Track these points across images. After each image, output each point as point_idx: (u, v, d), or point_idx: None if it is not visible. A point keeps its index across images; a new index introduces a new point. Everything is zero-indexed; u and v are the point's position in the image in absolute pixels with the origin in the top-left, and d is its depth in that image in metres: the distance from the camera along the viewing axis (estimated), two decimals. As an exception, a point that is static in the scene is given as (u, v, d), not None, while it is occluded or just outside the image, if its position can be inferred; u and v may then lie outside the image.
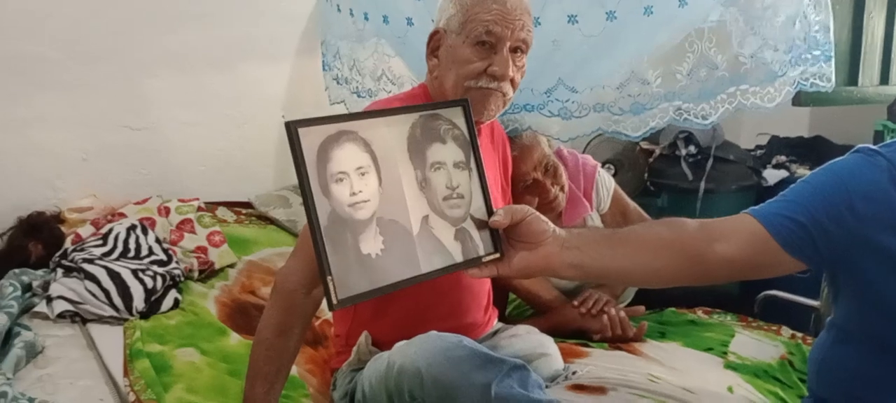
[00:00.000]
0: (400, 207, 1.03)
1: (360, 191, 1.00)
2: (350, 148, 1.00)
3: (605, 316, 1.83)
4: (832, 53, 1.84)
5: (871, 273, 1.05)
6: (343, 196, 0.98)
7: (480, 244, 1.08)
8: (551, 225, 1.09)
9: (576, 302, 1.88)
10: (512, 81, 1.47)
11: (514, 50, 1.45)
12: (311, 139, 0.97)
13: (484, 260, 1.08)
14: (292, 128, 0.96)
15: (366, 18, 2.05)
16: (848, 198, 1.05)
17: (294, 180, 2.67)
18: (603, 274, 1.18)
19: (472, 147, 1.12)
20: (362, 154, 1.01)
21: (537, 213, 1.09)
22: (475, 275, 1.09)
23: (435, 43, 1.50)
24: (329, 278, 0.94)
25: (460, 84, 1.45)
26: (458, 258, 1.06)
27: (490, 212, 1.10)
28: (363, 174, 1.01)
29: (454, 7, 1.45)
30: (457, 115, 1.12)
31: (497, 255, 1.09)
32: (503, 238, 1.10)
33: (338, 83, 2.38)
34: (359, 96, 2.26)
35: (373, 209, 1.00)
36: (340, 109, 2.32)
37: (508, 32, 1.43)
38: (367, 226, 0.99)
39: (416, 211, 1.04)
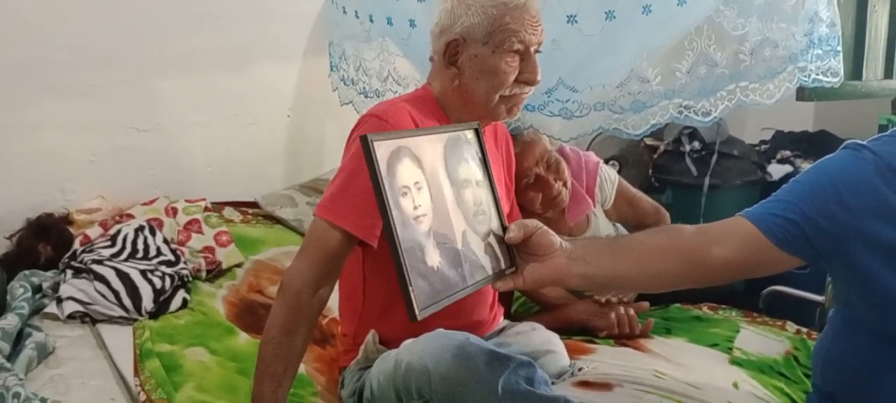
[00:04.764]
0: (447, 222, 1.06)
1: (420, 205, 1.02)
2: (408, 163, 1.03)
3: (613, 314, 1.84)
4: (840, 48, 1.84)
5: (865, 263, 1.08)
6: (408, 209, 1.01)
7: (501, 258, 1.12)
8: (558, 238, 1.13)
9: (589, 325, 1.87)
10: None
11: (536, 51, 1.48)
12: (382, 153, 0.99)
13: (506, 273, 1.12)
14: (368, 142, 0.97)
15: (371, 20, 2.05)
16: (835, 192, 1.09)
17: (301, 180, 2.73)
18: (608, 282, 1.22)
19: (486, 165, 1.16)
20: (416, 169, 1.04)
21: (545, 227, 1.13)
22: (499, 288, 1.13)
23: (452, 51, 1.47)
24: (411, 289, 0.96)
25: (493, 94, 1.46)
26: (490, 271, 1.10)
27: (503, 228, 1.13)
28: (419, 189, 1.04)
29: (476, 16, 1.43)
30: (470, 135, 1.17)
31: (514, 269, 1.13)
32: (515, 252, 1.13)
33: (345, 84, 2.39)
34: (366, 96, 2.26)
35: (430, 223, 1.03)
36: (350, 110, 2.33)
37: (534, 37, 1.46)
38: (428, 239, 1.02)
39: (458, 226, 1.08)
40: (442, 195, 1.07)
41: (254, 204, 2.60)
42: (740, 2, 1.74)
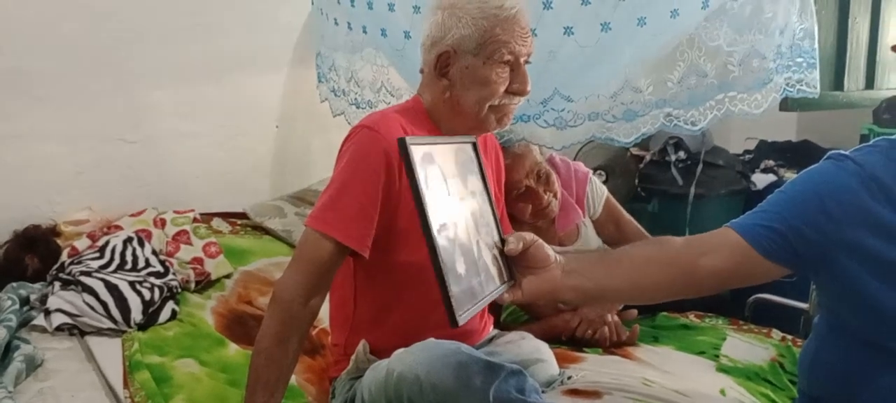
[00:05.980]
0: (466, 231, 1.07)
1: (447, 212, 1.03)
2: (435, 169, 1.04)
3: (606, 328, 1.86)
4: (816, 60, 1.88)
5: (849, 272, 1.10)
6: (440, 214, 1.01)
7: (503, 269, 1.13)
8: (553, 251, 1.14)
9: (578, 333, 1.88)
10: None
11: (526, 62, 1.50)
12: (417, 157, 0.99)
13: (508, 284, 1.13)
14: (406, 145, 0.98)
15: (364, 31, 2.06)
16: (820, 203, 1.11)
17: (289, 190, 2.73)
18: (601, 294, 1.24)
19: (483, 179, 1.17)
20: (441, 176, 1.05)
21: (541, 240, 1.14)
22: (503, 301, 1.14)
23: (444, 63, 1.48)
24: (451, 296, 0.96)
25: (483, 105, 1.47)
26: (497, 282, 1.11)
27: (502, 240, 1.14)
28: (445, 195, 1.05)
29: (467, 28, 1.44)
30: (469, 148, 1.18)
31: (513, 281, 1.14)
32: (513, 264, 1.14)
33: (335, 95, 2.39)
34: (358, 107, 2.26)
35: (455, 230, 1.04)
36: (341, 121, 2.34)
37: (524, 48, 1.47)
38: (455, 247, 1.02)
39: (473, 235, 1.08)
40: (459, 203, 1.08)
41: (242, 215, 2.60)
42: (729, 14, 1.76)
